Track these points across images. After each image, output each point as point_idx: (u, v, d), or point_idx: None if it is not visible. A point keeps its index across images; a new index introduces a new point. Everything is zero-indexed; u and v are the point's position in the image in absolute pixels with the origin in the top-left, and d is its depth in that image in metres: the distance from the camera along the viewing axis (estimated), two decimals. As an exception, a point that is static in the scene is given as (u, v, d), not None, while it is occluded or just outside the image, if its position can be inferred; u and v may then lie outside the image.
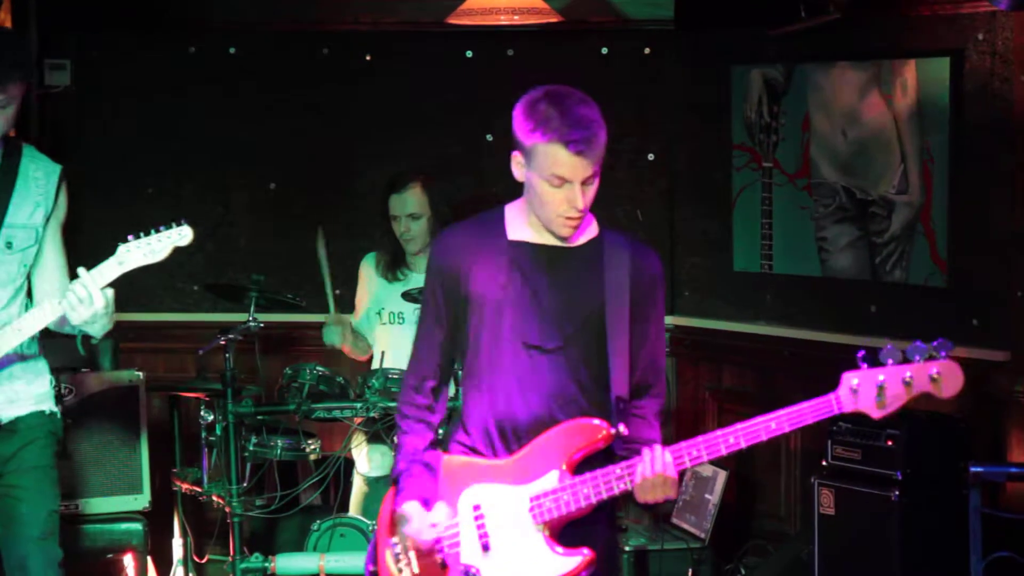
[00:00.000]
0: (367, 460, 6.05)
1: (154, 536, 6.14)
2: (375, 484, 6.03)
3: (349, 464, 6.16)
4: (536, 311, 3.82)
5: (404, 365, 5.74)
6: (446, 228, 4.07)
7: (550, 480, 3.75)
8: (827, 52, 6.50)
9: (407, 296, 5.83)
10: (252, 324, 5.81)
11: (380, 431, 5.85)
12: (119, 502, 6.07)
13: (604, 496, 3.72)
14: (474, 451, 3.88)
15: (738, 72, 6.84)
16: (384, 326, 6.29)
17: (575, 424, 3.77)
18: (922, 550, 5.61)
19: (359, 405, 5.71)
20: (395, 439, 5.62)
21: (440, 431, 4.01)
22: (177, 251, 4.54)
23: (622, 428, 3.76)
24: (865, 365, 3.63)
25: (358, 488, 6.11)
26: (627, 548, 6.20)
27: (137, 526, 6.08)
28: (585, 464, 3.75)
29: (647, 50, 7.03)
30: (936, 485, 5.65)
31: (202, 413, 5.96)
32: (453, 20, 6.42)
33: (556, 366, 3.81)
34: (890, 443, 5.65)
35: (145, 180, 7.17)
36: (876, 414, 3.64)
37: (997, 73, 5.90)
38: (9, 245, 4.58)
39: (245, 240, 7.18)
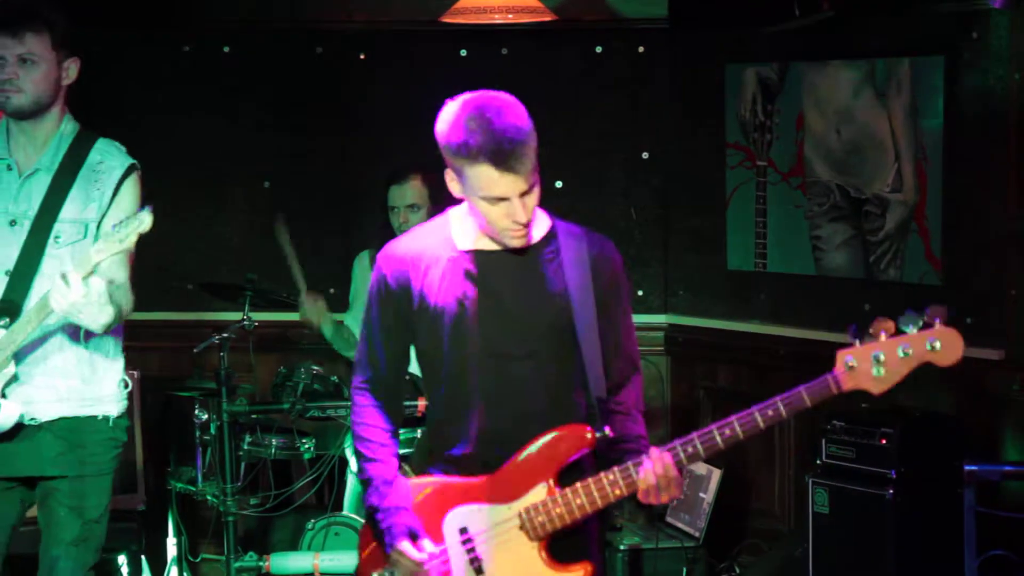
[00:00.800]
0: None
1: (148, 535, 6.16)
2: None
3: (343, 463, 6.15)
4: (499, 319, 3.66)
5: None
6: (388, 243, 3.86)
7: (538, 494, 3.62)
8: (821, 50, 6.49)
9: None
10: (246, 323, 5.82)
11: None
12: (113, 501, 5.96)
13: (600, 505, 3.60)
14: (450, 471, 3.72)
15: (732, 70, 6.83)
16: None
17: (558, 433, 3.63)
18: (917, 549, 5.60)
19: (354, 404, 5.69)
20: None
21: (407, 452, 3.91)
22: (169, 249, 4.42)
23: (607, 431, 3.62)
24: (857, 341, 3.50)
25: (352, 488, 6.10)
26: (621, 547, 6.21)
27: (131, 525, 6.08)
28: (572, 471, 3.63)
29: (641, 49, 7.03)
30: (930, 484, 5.64)
31: (196, 412, 5.98)
32: (447, 19, 6.40)
33: (527, 374, 3.67)
34: (884, 442, 5.62)
35: (139, 178, 7.14)
36: (876, 390, 3.50)
37: (991, 72, 5.89)
38: (57, 239, 4.51)
39: (239, 238, 7.16)
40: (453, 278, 3.69)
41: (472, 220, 3.72)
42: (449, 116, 3.63)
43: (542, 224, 3.76)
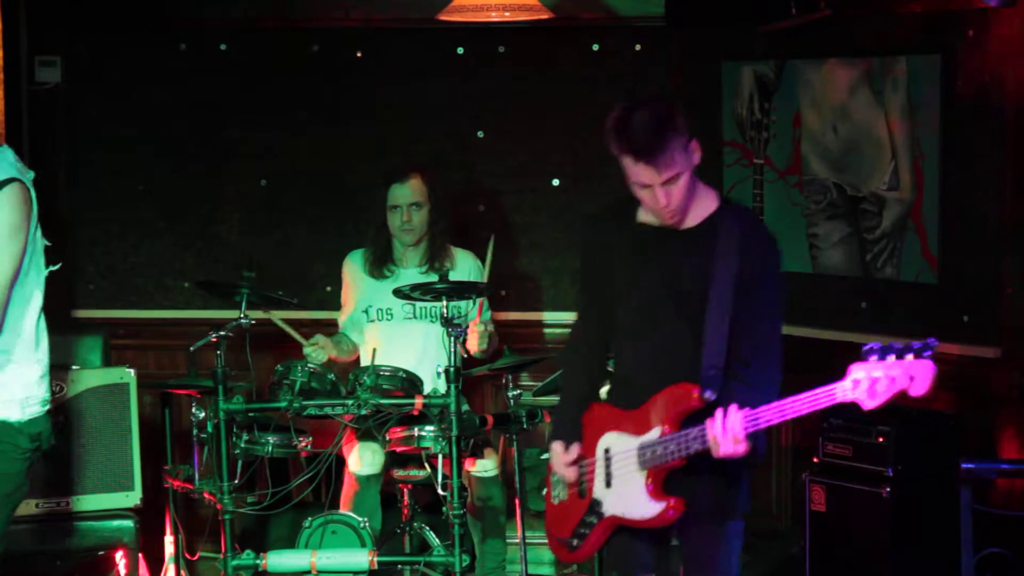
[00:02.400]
0: (358, 459, 6.05)
1: (145, 533, 6.11)
2: (365, 482, 6.04)
3: (340, 461, 6.14)
4: (654, 286, 4.29)
5: (395, 361, 5.90)
6: (592, 213, 4.60)
7: (654, 434, 4.23)
8: (818, 49, 6.49)
9: (397, 293, 5.82)
10: (243, 321, 5.78)
11: (371, 428, 5.84)
12: (110, 499, 6.04)
13: (684, 452, 4.15)
14: (614, 402, 4.44)
15: (729, 69, 6.82)
16: (373, 323, 6.31)
17: (673, 389, 4.22)
18: (913, 546, 5.61)
19: (350, 402, 5.69)
20: (386, 436, 5.68)
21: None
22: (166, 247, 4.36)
23: (708, 395, 4.15)
24: (873, 357, 3.84)
25: (349, 486, 6.10)
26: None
27: (128, 523, 6.04)
28: (693, 420, 4.15)
29: (638, 47, 7.02)
30: (927, 482, 5.66)
31: (193, 410, 5.96)
32: (444, 16, 6.41)
33: (672, 335, 4.27)
34: (881, 440, 5.65)
35: (135, 177, 7.15)
36: (866, 406, 3.88)
37: (988, 70, 5.90)
38: None
39: (236, 237, 7.16)
40: (630, 246, 4.35)
41: None
42: (609, 118, 4.25)
43: (706, 206, 4.32)
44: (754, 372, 4.23)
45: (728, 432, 4.04)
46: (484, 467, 6.11)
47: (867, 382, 3.84)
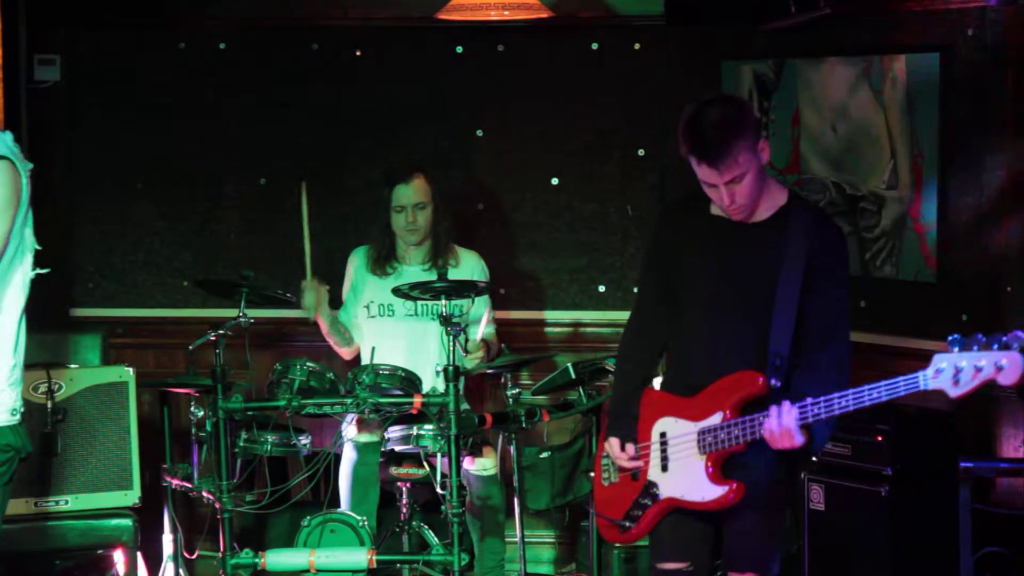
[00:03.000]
0: (355, 427, 6.05)
1: (144, 532, 6.10)
2: (363, 449, 6.04)
3: (339, 460, 6.13)
4: (722, 277, 4.45)
5: (395, 360, 5.90)
6: (670, 200, 4.66)
7: (714, 419, 4.41)
8: (817, 47, 6.49)
9: (397, 292, 5.82)
10: (242, 320, 5.77)
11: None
12: (109, 498, 6.03)
13: (747, 438, 4.33)
14: (671, 389, 4.60)
15: (728, 67, 6.82)
16: (373, 319, 6.31)
17: (737, 376, 4.39)
18: (912, 546, 5.60)
19: (349, 401, 5.68)
20: (385, 435, 5.67)
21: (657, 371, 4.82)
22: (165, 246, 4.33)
23: (773, 382, 4.32)
24: (956, 348, 3.98)
25: (347, 456, 6.10)
26: (616, 545, 6.18)
27: (127, 522, 6.04)
28: (754, 407, 4.34)
29: (637, 45, 7.01)
30: (926, 481, 5.65)
31: (192, 409, 5.97)
32: (443, 15, 6.40)
33: (735, 325, 4.43)
34: (880, 439, 5.64)
35: (135, 176, 7.14)
36: (953, 393, 4.00)
37: (987, 69, 5.89)
38: None
39: (235, 235, 7.15)
40: (701, 237, 4.51)
41: None
42: (680, 118, 4.36)
43: (774, 201, 4.45)
44: (822, 362, 4.38)
45: (781, 428, 4.23)
46: (483, 466, 6.11)
47: (951, 370, 3.96)
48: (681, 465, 4.50)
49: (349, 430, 6.03)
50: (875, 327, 6.18)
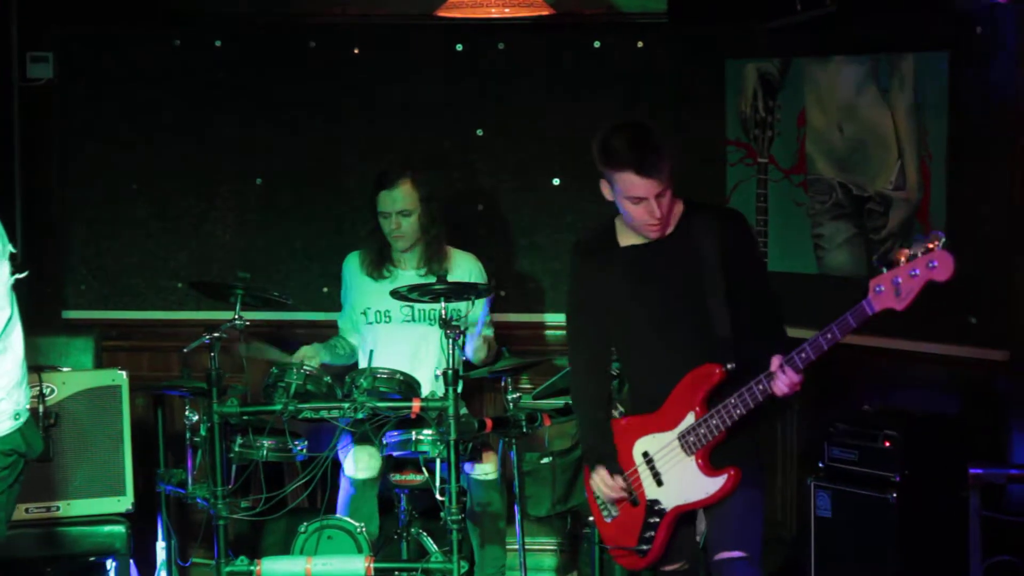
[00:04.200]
0: (353, 462, 6.03)
1: (137, 539, 6.08)
2: (362, 487, 6.02)
3: (336, 465, 6.12)
4: (653, 296, 4.73)
5: (393, 364, 5.87)
6: (575, 245, 4.98)
7: (689, 420, 4.68)
8: (823, 46, 6.45)
9: (395, 294, 5.77)
10: (238, 322, 5.80)
11: (368, 431, 5.79)
12: (101, 504, 6.00)
13: (727, 423, 4.61)
14: (637, 411, 4.84)
15: (732, 66, 6.79)
16: (371, 325, 6.32)
17: (694, 373, 4.67)
18: (921, 554, 5.60)
19: (347, 405, 5.66)
20: (383, 440, 5.64)
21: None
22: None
23: (730, 366, 4.63)
24: (885, 268, 4.31)
25: (345, 491, 6.09)
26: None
27: (120, 529, 6.00)
28: (719, 395, 4.63)
29: (640, 43, 6.98)
30: (935, 487, 5.65)
31: (187, 413, 5.92)
32: (442, 12, 6.36)
33: (679, 334, 4.72)
34: (888, 444, 5.65)
35: (128, 175, 7.11)
36: (899, 306, 4.33)
37: (996, 67, 5.86)
38: None
39: (230, 236, 7.11)
40: (620, 268, 4.78)
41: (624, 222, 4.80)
42: (603, 136, 4.66)
43: (676, 211, 4.75)
44: (766, 331, 4.71)
45: (791, 383, 4.53)
46: (483, 471, 6.10)
47: (890, 287, 4.30)
48: (675, 473, 4.73)
49: (347, 465, 6.01)
50: (883, 330, 6.10)
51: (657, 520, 4.77)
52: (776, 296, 4.85)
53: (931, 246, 4.32)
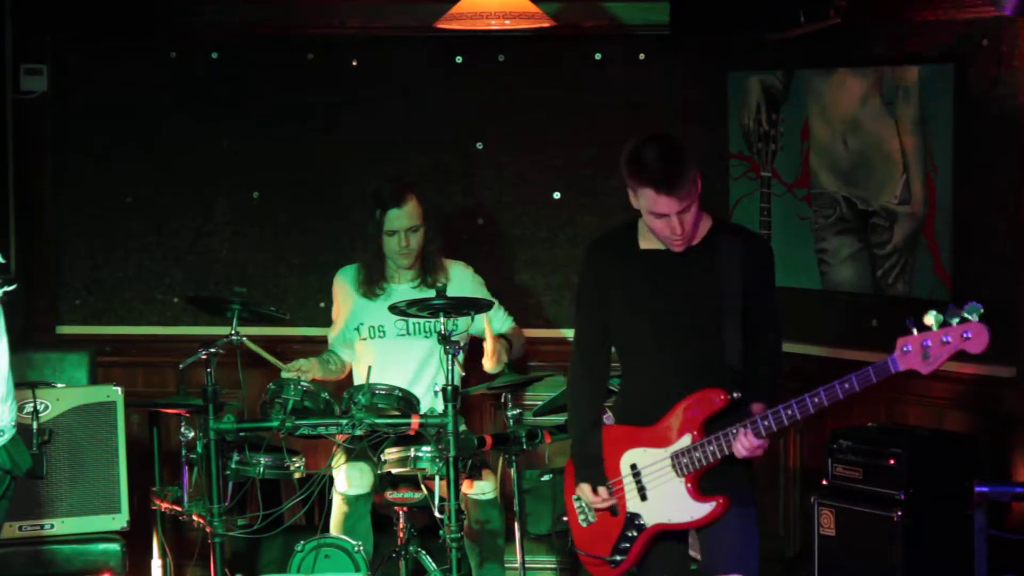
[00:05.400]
0: (346, 479, 6.01)
1: (132, 557, 6.08)
2: (354, 503, 5.98)
3: (333, 483, 6.05)
4: (666, 307, 4.69)
5: (390, 380, 5.81)
6: (593, 240, 4.93)
7: (685, 441, 4.65)
8: (827, 58, 6.44)
9: (394, 309, 5.72)
10: (234, 338, 5.80)
11: (365, 448, 5.77)
12: (96, 522, 6.00)
13: (722, 453, 4.59)
14: (630, 421, 4.79)
15: (735, 78, 6.77)
16: (364, 341, 6.31)
17: (698, 395, 4.64)
18: (926, 572, 5.58)
19: (344, 422, 5.63)
20: (381, 457, 5.59)
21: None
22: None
23: (736, 395, 4.61)
24: (915, 330, 4.33)
25: (338, 507, 6.05)
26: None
27: (115, 547, 6.00)
28: (718, 422, 4.61)
29: (642, 56, 6.97)
30: (940, 505, 5.63)
31: (182, 430, 5.89)
32: (442, 24, 6.35)
33: (685, 350, 4.68)
34: (892, 461, 5.63)
35: (124, 189, 7.10)
36: (924, 370, 4.35)
37: (1002, 80, 5.84)
38: None
39: (227, 251, 7.08)
40: (635, 271, 4.75)
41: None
42: (630, 149, 4.61)
43: (703, 227, 4.71)
44: (769, 370, 4.72)
45: (752, 447, 4.54)
46: (482, 489, 6.08)
47: (918, 348, 4.32)
48: (661, 492, 4.71)
49: (339, 481, 6.02)
50: (887, 347, 6.03)
51: (635, 534, 4.76)
52: (779, 333, 4.83)
53: (968, 317, 4.30)
